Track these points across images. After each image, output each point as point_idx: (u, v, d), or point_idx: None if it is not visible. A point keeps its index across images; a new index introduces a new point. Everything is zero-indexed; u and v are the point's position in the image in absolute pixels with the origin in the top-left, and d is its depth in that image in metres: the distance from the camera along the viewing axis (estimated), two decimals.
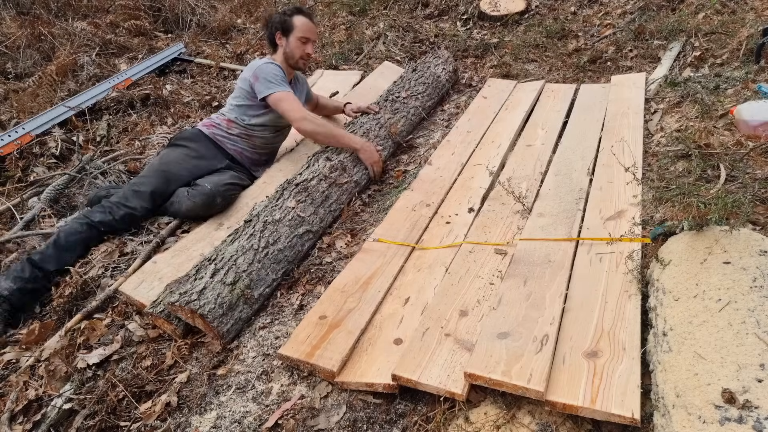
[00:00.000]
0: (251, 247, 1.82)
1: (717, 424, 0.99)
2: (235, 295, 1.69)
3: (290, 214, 1.98)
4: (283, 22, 2.44)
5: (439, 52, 3.38)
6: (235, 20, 4.85)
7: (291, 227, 1.95)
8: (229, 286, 1.69)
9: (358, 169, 2.35)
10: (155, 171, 2.29)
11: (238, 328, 1.71)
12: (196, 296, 1.62)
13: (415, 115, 2.81)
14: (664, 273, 1.40)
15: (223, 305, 1.65)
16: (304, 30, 2.44)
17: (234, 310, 1.68)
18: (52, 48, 4.12)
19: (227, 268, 1.72)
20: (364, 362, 1.48)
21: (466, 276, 1.70)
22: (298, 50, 2.45)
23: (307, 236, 2.00)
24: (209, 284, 1.66)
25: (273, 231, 1.90)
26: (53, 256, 1.98)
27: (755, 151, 1.91)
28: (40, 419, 1.52)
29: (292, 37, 2.44)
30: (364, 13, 4.57)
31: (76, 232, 2.05)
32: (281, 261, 1.88)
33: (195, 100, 3.54)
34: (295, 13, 2.46)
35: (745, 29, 2.83)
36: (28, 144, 2.95)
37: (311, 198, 2.08)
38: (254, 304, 1.76)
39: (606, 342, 1.32)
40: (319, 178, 2.17)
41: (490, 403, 1.29)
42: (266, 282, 1.81)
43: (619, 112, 2.56)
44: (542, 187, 2.13)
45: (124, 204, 2.16)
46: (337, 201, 2.20)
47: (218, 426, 1.42)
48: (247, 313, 1.73)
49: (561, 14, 4.07)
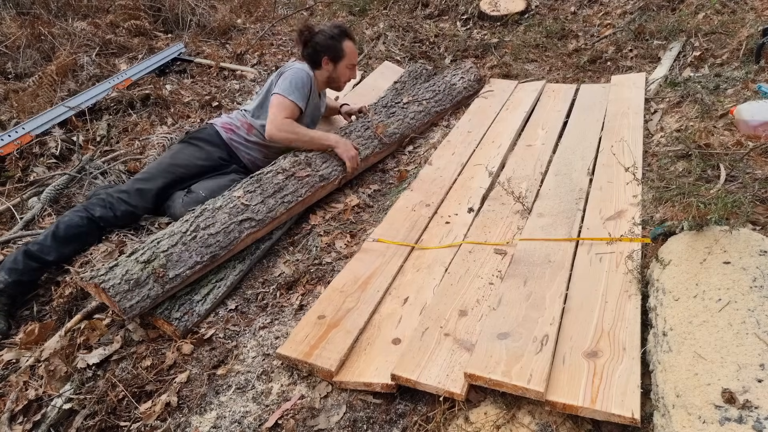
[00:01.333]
0: (179, 231, 1.82)
1: (717, 424, 0.99)
2: (145, 273, 1.67)
3: (234, 202, 1.97)
4: (332, 48, 2.39)
5: (462, 63, 3.37)
6: (235, 20, 4.85)
7: (231, 214, 1.93)
8: (141, 264, 1.68)
9: (328, 164, 2.30)
10: (163, 171, 2.25)
11: (145, 306, 1.67)
12: (104, 271, 1.63)
13: (416, 119, 2.78)
14: (664, 273, 1.40)
15: (130, 281, 1.63)
16: (354, 57, 2.45)
17: (142, 287, 1.65)
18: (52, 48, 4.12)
19: (146, 249, 1.73)
20: (363, 362, 1.48)
21: (465, 276, 1.70)
22: (344, 77, 2.47)
23: (248, 224, 1.96)
24: (122, 262, 1.68)
25: (209, 217, 1.90)
26: (52, 247, 1.95)
27: (755, 151, 1.91)
28: (40, 419, 1.52)
29: (341, 63, 2.42)
30: (364, 13, 4.57)
31: (76, 225, 2.02)
32: (211, 245, 1.85)
33: (195, 100, 3.53)
34: (344, 38, 2.41)
35: (745, 29, 2.83)
36: (28, 144, 2.95)
37: (262, 189, 2.06)
38: (167, 284, 1.71)
39: (606, 342, 1.32)
40: (276, 171, 2.16)
41: (490, 403, 1.29)
42: (187, 264, 1.77)
43: (619, 112, 2.56)
44: (542, 187, 2.13)
45: (126, 201, 2.13)
46: (295, 193, 2.15)
47: (218, 426, 1.42)
48: (157, 291, 1.69)
49: (561, 14, 4.07)
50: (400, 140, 2.71)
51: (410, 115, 2.76)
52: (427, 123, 2.89)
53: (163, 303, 1.73)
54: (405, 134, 2.72)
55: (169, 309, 1.74)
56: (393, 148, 2.69)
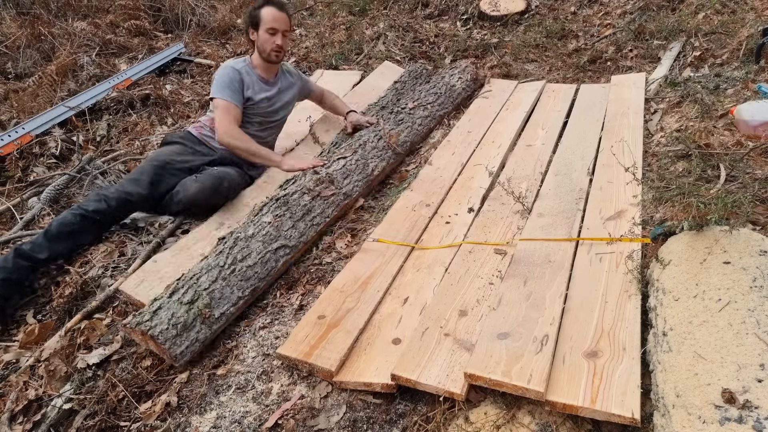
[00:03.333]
0: (217, 264, 1.73)
1: (717, 424, 0.99)
2: (191, 315, 1.58)
3: (265, 229, 1.89)
4: (252, 17, 2.37)
5: (458, 63, 3.35)
6: (235, 20, 4.85)
7: (264, 243, 1.85)
8: (186, 305, 1.58)
9: (350, 180, 2.26)
10: (149, 163, 2.26)
11: (195, 350, 1.59)
12: (148, 317, 1.53)
13: (423, 125, 2.76)
14: (664, 273, 1.40)
15: (177, 325, 1.54)
16: (271, 21, 2.33)
17: (189, 331, 1.57)
18: (52, 48, 4.12)
19: (187, 287, 1.63)
20: (363, 362, 1.48)
21: (465, 276, 1.70)
22: (267, 43, 2.35)
23: (282, 251, 1.90)
24: (165, 304, 1.57)
25: (243, 247, 1.81)
26: (43, 245, 1.94)
27: (755, 151, 1.91)
28: (40, 419, 1.52)
29: (260, 30, 2.35)
30: (364, 13, 4.57)
31: (69, 223, 2.01)
32: (250, 278, 1.77)
33: (195, 100, 3.54)
34: (263, 5, 2.35)
35: (745, 29, 2.83)
36: (28, 144, 2.95)
37: (290, 212, 1.99)
38: (214, 324, 1.64)
39: (606, 342, 1.32)
40: (301, 192, 2.08)
41: (490, 403, 1.29)
42: (230, 300, 1.69)
43: (619, 112, 2.56)
44: (542, 187, 2.13)
45: (119, 189, 2.12)
46: (322, 214, 2.09)
47: (218, 426, 1.42)
48: (205, 333, 1.61)
49: (561, 14, 4.07)
50: (410, 148, 2.68)
51: (417, 121, 2.74)
52: (432, 128, 2.88)
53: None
54: (414, 141, 2.69)
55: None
56: (403, 157, 2.64)
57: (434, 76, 3.20)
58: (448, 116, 3.00)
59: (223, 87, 2.33)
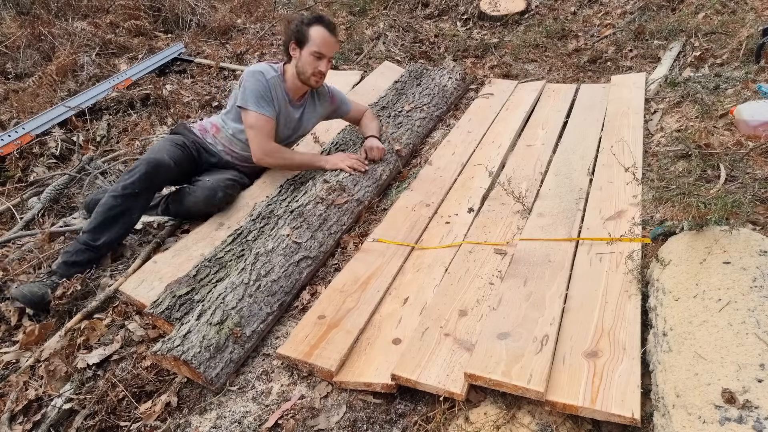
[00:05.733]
0: (241, 282, 1.69)
1: (717, 424, 0.99)
2: (223, 335, 1.54)
3: (285, 242, 1.86)
4: (298, 32, 2.16)
5: (443, 63, 3.34)
6: (235, 20, 4.85)
7: (286, 256, 1.83)
8: (215, 326, 1.54)
9: (360, 186, 2.23)
10: (144, 157, 2.14)
11: (230, 372, 1.55)
12: (179, 341, 1.49)
13: (421, 126, 2.77)
14: (664, 273, 1.40)
15: (210, 348, 1.50)
16: (320, 44, 2.14)
17: (223, 352, 1.53)
18: (52, 48, 4.12)
19: (214, 308, 1.59)
20: (363, 362, 1.48)
21: (465, 276, 1.70)
22: (309, 66, 2.16)
23: (305, 263, 1.87)
24: (194, 327, 1.53)
25: (266, 262, 1.78)
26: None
27: (755, 151, 1.91)
28: (40, 419, 1.52)
29: (305, 50, 2.15)
30: (364, 13, 4.57)
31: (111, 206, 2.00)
32: (276, 292, 1.74)
33: (195, 100, 3.53)
34: (314, 23, 2.15)
35: (745, 29, 2.84)
36: (28, 144, 2.95)
37: (307, 223, 1.96)
38: (246, 342, 1.60)
39: (606, 342, 1.32)
40: (315, 201, 2.05)
41: (490, 403, 1.29)
42: (260, 317, 1.66)
43: (619, 112, 2.56)
44: (542, 187, 2.13)
45: (133, 168, 2.05)
46: (338, 222, 2.06)
47: (218, 426, 1.42)
48: (238, 353, 1.57)
49: (561, 14, 4.08)
50: (411, 151, 2.67)
51: (416, 123, 2.74)
52: (431, 129, 2.88)
53: (164, 302, 1.73)
54: (415, 143, 2.69)
55: (169, 309, 1.74)
56: (405, 161, 2.63)
57: (424, 78, 3.20)
58: (445, 116, 3.00)
59: (258, 98, 2.14)
